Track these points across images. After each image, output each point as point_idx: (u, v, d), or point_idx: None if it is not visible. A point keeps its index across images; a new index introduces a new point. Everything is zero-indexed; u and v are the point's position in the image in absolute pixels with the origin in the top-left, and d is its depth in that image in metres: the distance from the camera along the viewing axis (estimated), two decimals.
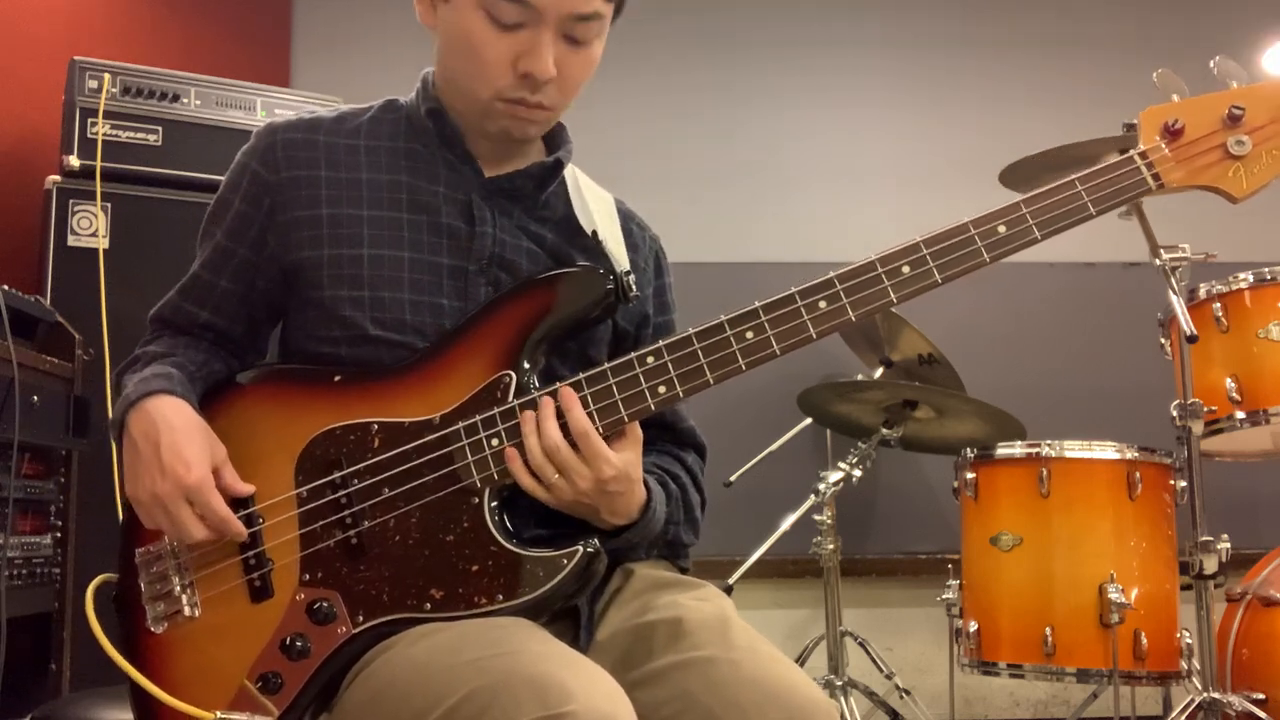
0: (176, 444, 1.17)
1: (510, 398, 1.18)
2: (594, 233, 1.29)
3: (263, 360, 1.40)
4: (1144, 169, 1.24)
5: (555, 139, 1.38)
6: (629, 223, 1.41)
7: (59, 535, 2.22)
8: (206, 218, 1.34)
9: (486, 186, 1.29)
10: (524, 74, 1.20)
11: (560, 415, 1.16)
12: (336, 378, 1.24)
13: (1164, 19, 3.54)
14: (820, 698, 1.08)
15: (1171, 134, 1.24)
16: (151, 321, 1.38)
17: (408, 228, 1.27)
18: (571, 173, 1.36)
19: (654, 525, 1.24)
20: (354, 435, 1.20)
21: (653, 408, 1.18)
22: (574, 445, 1.15)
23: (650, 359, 1.18)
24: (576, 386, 1.18)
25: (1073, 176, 1.22)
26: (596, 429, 1.16)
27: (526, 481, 1.16)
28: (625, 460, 1.17)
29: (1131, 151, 1.25)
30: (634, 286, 1.24)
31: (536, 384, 1.20)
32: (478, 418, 1.18)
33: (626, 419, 1.18)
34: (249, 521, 1.20)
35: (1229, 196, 1.25)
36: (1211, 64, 1.27)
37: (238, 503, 1.20)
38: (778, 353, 1.18)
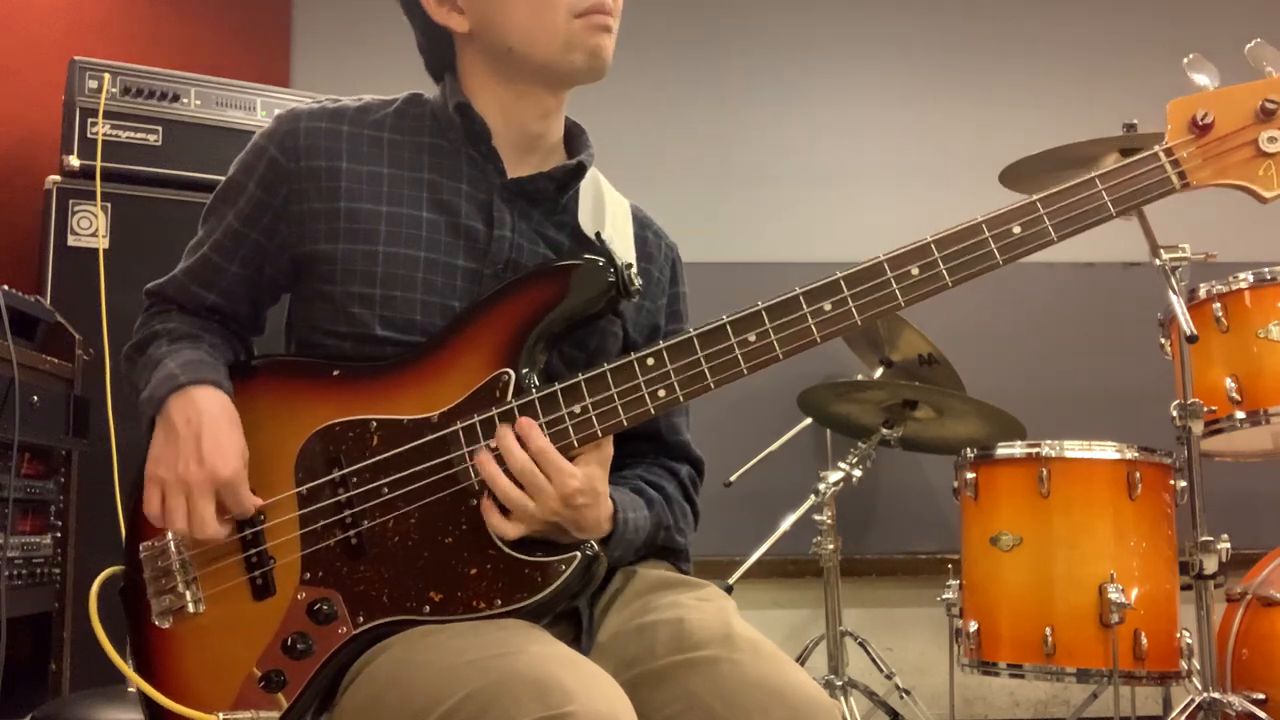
0: (219, 436, 1.17)
1: (509, 396, 1.17)
2: (598, 234, 1.27)
3: (260, 336, 1.39)
4: (1169, 167, 1.16)
5: (575, 142, 1.36)
6: (645, 230, 1.40)
7: (59, 535, 2.22)
8: (215, 197, 1.32)
9: (509, 188, 1.28)
10: None
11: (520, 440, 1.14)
12: (335, 372, 1.23)
13: (1165, 20, 3.54)
14: (822, 698, 1.08)
15: (1200, 128, 1.16)
16: (151, 295, 1.36)
17: (426, 227, 1.25)
18: (593, 175, 1.34)
19: (632, 533, 1.23)
20: (353, 432, 1.20)
21: (652, 411, 1.16)
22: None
23: (650, 361, 1.17)
24: (575, 389, 1.17)
25: (1093, 174, 1.15)
26: (575, 439, 1.15)
27: (495, 520, 1.14)
28: (588, 474, 1.15)
29: (1157, 148, 1.17)
30: (635, 280, 1.21)
31: (536, 381, 1.18)
32: (476, 419, 1.17)
33: (625, 422, 1.16)
34: (251, 521, 1.20)
35: (1258, 196, 1.17)
36: (1246, 49, 1.19)
37: None
38: (780, 357, 1.16)
